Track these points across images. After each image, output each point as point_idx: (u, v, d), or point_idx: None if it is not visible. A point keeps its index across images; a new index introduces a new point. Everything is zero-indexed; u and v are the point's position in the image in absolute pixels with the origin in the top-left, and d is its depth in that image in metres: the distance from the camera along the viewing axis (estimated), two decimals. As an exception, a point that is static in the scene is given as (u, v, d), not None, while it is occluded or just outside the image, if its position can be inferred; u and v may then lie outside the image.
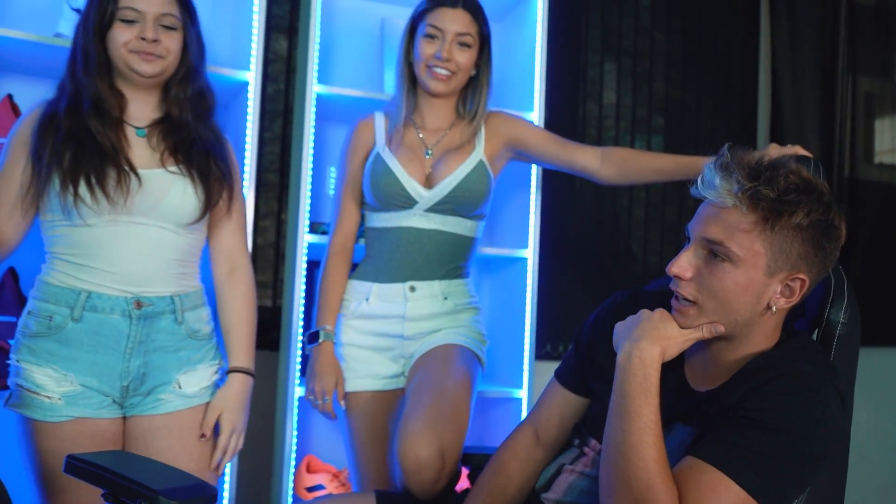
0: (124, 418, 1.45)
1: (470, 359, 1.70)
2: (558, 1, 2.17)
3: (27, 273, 1.74)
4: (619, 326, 1.14)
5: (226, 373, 1.52)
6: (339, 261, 1.78)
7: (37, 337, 1.40)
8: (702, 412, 1.07)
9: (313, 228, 1.97)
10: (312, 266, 1.98)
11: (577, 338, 1.29)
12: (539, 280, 2.08)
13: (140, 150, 1.45)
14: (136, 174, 1.41)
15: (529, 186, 2.09)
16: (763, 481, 0.97)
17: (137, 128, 1.46)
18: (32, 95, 1.81)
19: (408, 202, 1.71)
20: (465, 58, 1.71)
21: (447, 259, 1.75)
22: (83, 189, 1.37)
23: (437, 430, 1.48)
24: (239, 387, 1.51)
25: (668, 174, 1.67)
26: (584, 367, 1.26)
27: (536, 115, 2.10)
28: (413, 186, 1.71)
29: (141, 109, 1.48)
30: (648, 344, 1.06)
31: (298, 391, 1.92)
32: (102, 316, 1.40)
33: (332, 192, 2.09)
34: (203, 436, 1.47)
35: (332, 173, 2.10)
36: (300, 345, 1.92)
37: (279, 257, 2.23)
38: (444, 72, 1.70)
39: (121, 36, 1.42)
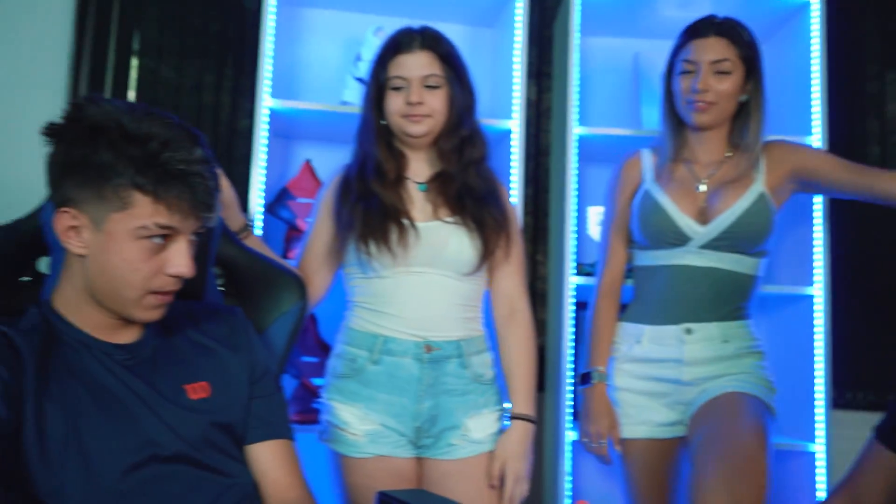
0: (418, 458, 1.53)
1: (760, 408, 1.58)
2: (832, 12, 2.00)
3: (325, 319, 1.95)
4: None
5: (509, 418, 1.55)
6: (608, 301, 1.76)
7: (343, 378, 1.52)
8: None
9: (578, 270, 1.98)
10: (579, 307, 1.98)
11: None
12: (830, 320, 1.89)
13: (421, 204, 1.54)
14: (415, 228, 1.50)
15: (812, 217, 1.93)
16: None
17: (419, 183, 1.56)
18: (327, 160, 2.03)
19: (680, 239, 1.65)
20: (724, 85, 1.63)
21: (726, 299, 1.66)
22: (372, 246, 1.49)
23: (735, 486, 1.39)
24: (521, 434, 1.53)
25: None
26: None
27: (817, 138, 1.94)
28: (686, 222, 1.65)
29: (421, 166, 1.58)
30: None
31: (571, 435, 1.91)
32: (397, 359, 1.50)
33: (589, 232, 2.10)
34: (492, 486, 1.51)
35: (590, 214, 2.10)
36: (570, 388, 1.92)
37: (536, 298, 2.27)
38: (702, 103, 1.63)
39: (392, 103, 1.53)
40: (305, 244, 1.61)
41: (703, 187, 1.69)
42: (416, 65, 1.51)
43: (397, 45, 1.53)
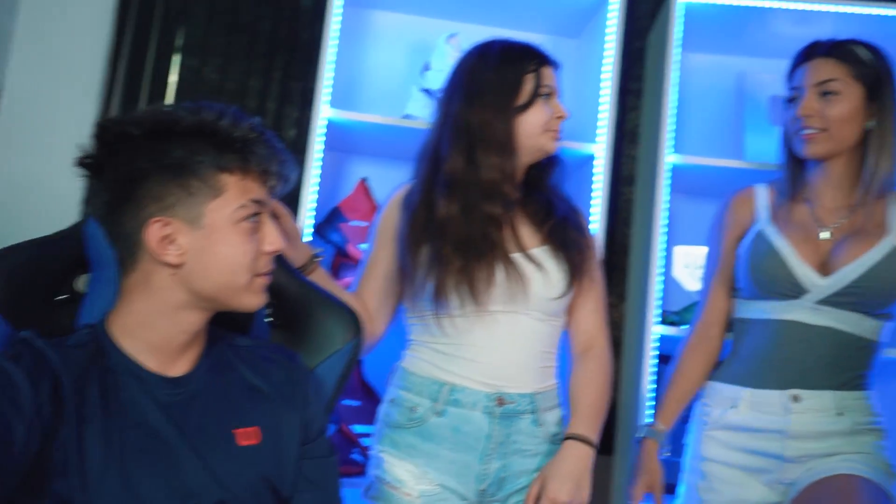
0: None
1: (878, 496, 1.43)
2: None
3: (369, 358, 1.86)
4: None
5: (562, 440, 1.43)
6: (697, 354, 1.62)
7: (399, 428, 1.43)
8: None
9: (662, 318, 1.86)
10: (661, 360, 1.87)
11: None
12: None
13: (521, 231, 1.45)
14: (520, 265, 1.40)
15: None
16: None
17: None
18: (384, 179, 1.95)
19: (796, 290, 1.52)
20: (834, 109, 1.51)
21: (843, 365, 1.51)
22: (465, 290, 1.38)
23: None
24: (574, 454, 1.39)
25: None
26: None
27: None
28: (804, 272, 1.52)
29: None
30: None
31: (646, 509, 1.79)
32: (465, 412, 1.40)
33: (675, 275, 1.99)
34: None
35: (676, 254, 1.99)
36: (647, 453, 1.80)
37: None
38: (809, 130, 1.52)
39: (540, 115, 1.44)
40: (362, 275, 1.51)
41: (825, 234, 1.56)
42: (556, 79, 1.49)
43: (541, 55, 1.48)
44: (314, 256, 1.44)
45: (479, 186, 1.42)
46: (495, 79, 1.43)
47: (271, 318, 1.29)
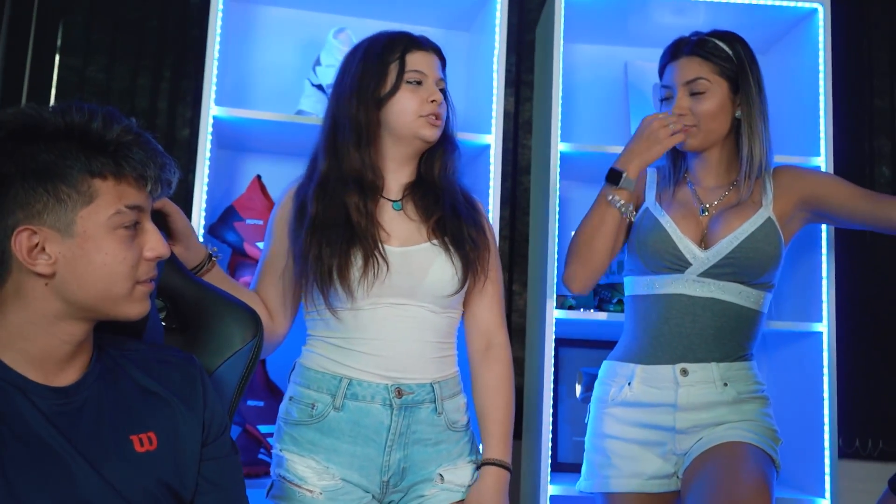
0: None
1: (763, 461, 1.52)
2: (838, 22, 2.00)
3: (274, 357, 1.86)
4: None
5: (480, 465, 1.47)
6: None
7: (299, 425, 1.43)
8: None
9: (559, 302, 1.92)
10: (559, 344, 1.94)
11: None
12: (838, 360, 1.86)
13: (395, 225, 1.46)
14: (386, 256, 1.41)
15: (820, 247, 1.89)
16: None
17: (393, 201, 1.49)
18: (280, 175, 1.93)
19: (679, 264, 1.61)
20: (703, 106, 1.62)
21: (727, 336, 1.60)
22: (337, 277, 1.39)
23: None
24: (495, 481, 1.44)
25: None
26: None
27: (823, 160, 1.92)
28: (686, 245, 1.61)
29: (394, 179, 1.50)
30: None
31: (551, 489, 1.83)
32: (363, 405, 1.41)
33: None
34: None
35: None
36: (551, 434, 1.85)
37: (512, 333, 2.20)
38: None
39: (412, 101, 1.45)
40: (260, 272, 1.50)
41: (706, 211, 1.67)
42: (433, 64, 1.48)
43: (407, 40, 1.48)
44: (209, 256, 1.42)
45: (341, 178, 1.44)
46: (360, 71, 1.46)
47: (165, 322, 1.27)
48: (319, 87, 1.92)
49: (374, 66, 1.45)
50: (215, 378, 1.22)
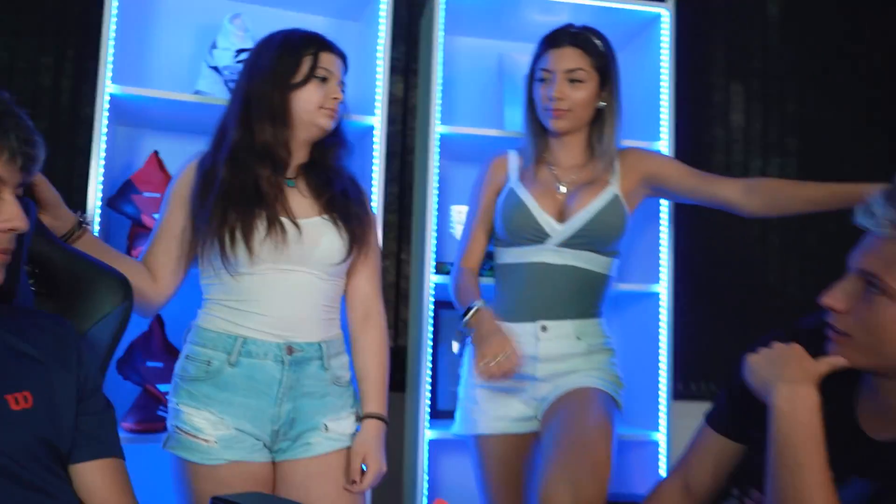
0: (273, 463, 1.52)
1: (608, 403, 1.69)
2: (681, 25, 2.16)
3: (171, 321, 1.89)
4: (757, 361, 1.11)
5: (360, 419, 1.57)
6: (469, 271, 1.82)
7: (195, 381, 1.48)
8: (883, 464, 1.02)
9: (438, 268, 2.03)
10: (438, 306, 2.03)
11: (730, 379, 1.25)
12: (673, 316, 2.05)
13: (292, 199, 1.53)
14: (284, 225, 1.48)
15: (659, 220, 2.08)
16: None
17: (288, 179, 1.56)
18: (177, 152, 1.96)
19: (540, 236, 1.74)
20: (579, 94, 1.73)
21: (580, 297, 1.76)
22: (241, 243, 1.46)
23: (579, 479, 1.48)
24: (375, 432, 1.55)
25: (822, 205, 1.62)
26: (740, 411, 1.22)
27: (665, 144, 2.09)
28: (545, 219, 1.74)
29: (294, 160, 1.57)
30: (809, 388, 1.03)
31: (429, 434, 1.96)
32: (257, 361, 1.48)
33: (452, 231, 2.16)
34: (354, 482, 1.52)
35: (453, 213, 2.15)
36: (429, 387, 1.97)
37: (400, 297, 2.30)
38: (559, 110, 1.73)
39: (315, 95, 1.53)
40: (153, 239, 1.55)
41: (563, 188, 1.78)
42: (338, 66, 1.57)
43: (321, 42, 1.56)
44: (80, 223, 1.44)
45: (253, 150, 1.51)
46: (276, 57, 1.54)
47: (35, 288, 1.28)
48: (216, 68, 1.95)
49: (291, 55, 1.53)
50: (87, 339, 1.25)
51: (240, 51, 1.94)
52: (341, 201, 1.56)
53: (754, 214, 1.73)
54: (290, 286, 1.50)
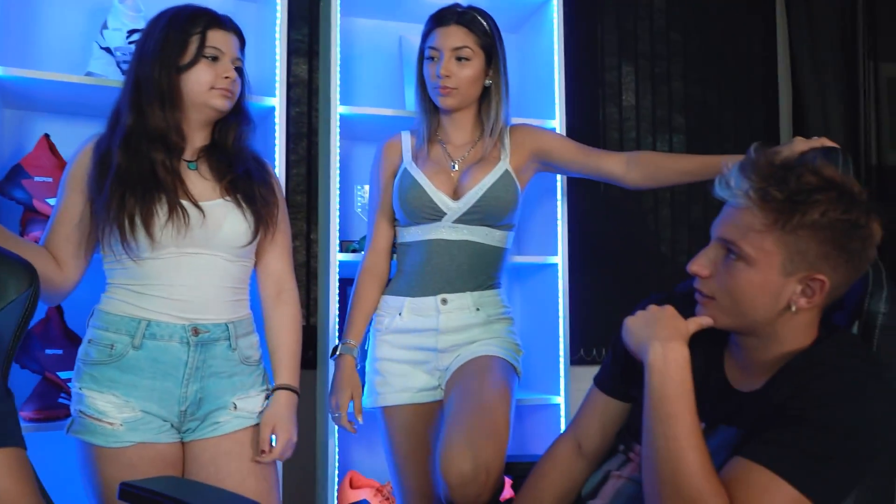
0: (182, 443, 1.51)
1: (506, 370, 1.73)
2: (573, 9, 2.21)
3: (71, 307, 1.81)
4: (634, 323, 1.17)
5: (272, 391, 1.57)
6: (369, 277, 1.83)
7: (98, 365, 1.46)
8: (746, 413, 1.09)
9: (343, 247, 2.02)
10: (345, 284, 2.03)
11: (615, 343, 1.30)
12: (570, 285, 2.12)
13: (192, 182, 1.51)
14: (186, 209, 1.46)
15: (556, 194, 2.14)
16: (815, 479, 0.97)
17: (189, 161, 1.53)
18: (70, 135, 1.90)
19: (436, 214, 1.76)
20: (465, 71, 1.75)
21: (478, 270, 1.80)
22: (140, 228, 1.43)
23: (479, 443, 1.52)
24: (285, 402, 1.56)
25: (695, 175, 1.70)
26: (623, 371, 1.28)
27: (557, 122, 2.14)
28: (440, 198, 1.76)
29: (193, 143, 1.55)
30: (680, 345, 1.09)
31: (338, 408, 1.96)
32: (162, 343, 1.46)
33: (358, 210, 2.15)
34: (263, 452, 1.52)
35: (359, 191, 2.15)
36: (336, 363, 1.97)
37: (310, 277, 2.29)
38: (446, 88, 1.75)
39: (206, 74, 1.49)
40: (52, 225, 1.51)
41: (456, 166, 1.81)
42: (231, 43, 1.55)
43: (210, 18, 1.52)
44: None
45: (146, 135, 1.48)
46: (163, 39, 1.50)
47: None
48: (108, 49, 1.88)
49: (178, 36, 1.50)
50: None
51: (132, 31, 1.87)
52: (244, 182, 1.54)
53: (636, 186, 1.80)
54: (195, 268, 1.48)
